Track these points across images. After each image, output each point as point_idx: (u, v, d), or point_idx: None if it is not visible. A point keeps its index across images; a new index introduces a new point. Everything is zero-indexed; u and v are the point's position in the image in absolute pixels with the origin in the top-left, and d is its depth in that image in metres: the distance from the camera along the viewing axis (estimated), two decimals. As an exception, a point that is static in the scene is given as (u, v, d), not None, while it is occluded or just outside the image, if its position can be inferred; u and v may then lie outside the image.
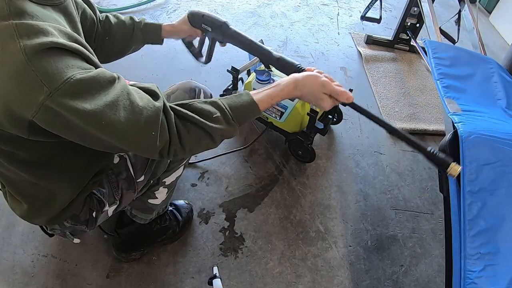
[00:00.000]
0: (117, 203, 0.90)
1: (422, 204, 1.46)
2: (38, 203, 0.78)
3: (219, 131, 0.70)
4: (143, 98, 0.63)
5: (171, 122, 0.65)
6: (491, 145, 0.87)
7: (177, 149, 0.67)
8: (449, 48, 1.27)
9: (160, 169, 0.95)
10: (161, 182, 1.02)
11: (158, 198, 1.04)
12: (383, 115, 1.80)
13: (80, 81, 0.54)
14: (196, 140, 0.69)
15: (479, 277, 0.71)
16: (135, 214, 1.08)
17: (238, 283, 1.15)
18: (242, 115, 0.73)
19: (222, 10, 2.36)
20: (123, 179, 0.88)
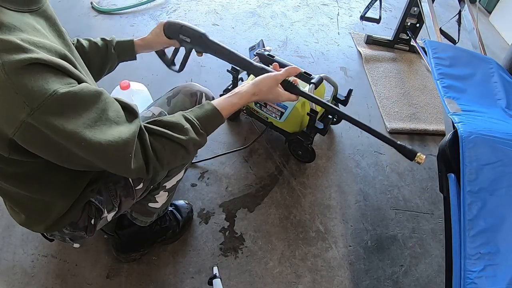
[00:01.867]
0: (116, 210, 0.90)
1: (422, 204, 1.46)
2: (35, 213, 0.78)
3: (192, 142, 0.73)
4: (120, 118, 0.64)
5: (146, 142, 0.67)
6: (491, 145, 0.87)
7: (155, 166, 0.69)
8: (449, 48, 1.27)
9: (160, 175, 0.94)
10: (161, 186, 1.01)
11: (158, 202, 1.04)
12: (383, 115, 1.80)
13: (62, 97, 0.53)
14: (172, 154, 0.71)
15: (479, 277, 0.71)
16: (136, 217, 1.08)
17: (238, 283, 1.15)
18: (208, 124, 0.78)
19: (222, 10, 2.36)
20: (121, 187, 0.86)
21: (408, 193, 1.49)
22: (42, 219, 0.79)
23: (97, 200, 0.84)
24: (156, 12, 2.25)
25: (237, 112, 1.62)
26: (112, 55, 0.98)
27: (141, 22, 2.15)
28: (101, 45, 0.98)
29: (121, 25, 2.11)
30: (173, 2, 2.36)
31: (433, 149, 1.69)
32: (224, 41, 2.09)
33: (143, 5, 2.28)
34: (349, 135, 1.68)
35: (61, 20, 0.68)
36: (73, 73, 0.57)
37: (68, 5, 2.22)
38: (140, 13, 2.23)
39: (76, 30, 2.01)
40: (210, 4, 2.40)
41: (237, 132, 1.61)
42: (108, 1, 2.29)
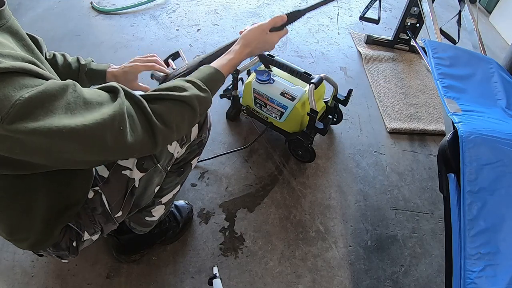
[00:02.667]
0: (99, 233, 0.87)
1: (422, 204, 1.46)
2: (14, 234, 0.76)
3: (196, 98, 0.69)
4: (101, 95, 0.60)
5: (146, 109, 0.62)
6: (491, 145, 0.87)
7: (164, 132, 0.64)
8: (449, 48, 1.27)
9: (144, 200, 0.89)
10: (156, 202, 0.98)
11: (155, 216, 1.02)
12: (383, 115, 1.80)
13: (29, 100, 0.51)
14: (179, 115, 0.66)
15: (479, 277, 0.71)
16: (134, 226, 1.07)
17: (238, 283, 1.15)
18: (210, 81, 0.74)
19: (222, 10, 2.36)
20: (99, 214, 0.83)
21: (408, 193, 1.49)
22: (21, 240, 0.77)
23: (76, 224, 0.81)
24: (156, 12, 2.26)
25: (237, 112, 1.62)
26: (82, 79, 0.94)
27: (141, 22, 2.15)
28: (74, 67, 0.93)
29: (121, 25, 2.11)
30: (173, 2, 2.36)
31: (433, 149, 1.69)
32: (224, 41, 2.09)
33: (143, 5, 2.28)
34: (349, 135, 1.68)
35: (61, 20, 0.68)
36: (40, 73, 0.55)
37: (68, 5, 2.22)
38: (140, 13, 2.23)
39: (76, 30, 2.01)
40: (210, 4, 2.40)
41: (237, 132, 1.61)
42: (108, 1, 2.29)
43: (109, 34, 2.03)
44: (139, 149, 0.61)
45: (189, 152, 0.93)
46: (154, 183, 0.86)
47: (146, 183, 0.84)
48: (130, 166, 0.80)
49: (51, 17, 2.09)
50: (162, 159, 0.83)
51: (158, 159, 0.82)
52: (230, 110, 1.63)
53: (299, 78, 1.38)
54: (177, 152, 0.86)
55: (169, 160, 0.85)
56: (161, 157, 0.82)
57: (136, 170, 0.80)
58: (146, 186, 0.85)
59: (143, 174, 0.81)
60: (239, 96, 1.57)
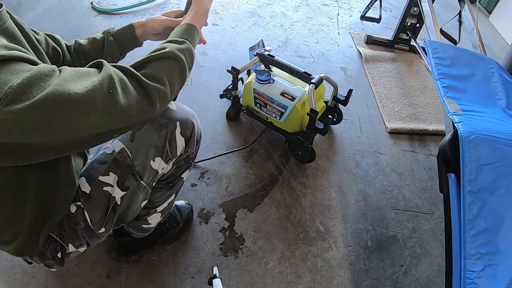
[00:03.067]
0: (85, 246, 0.85)
1: (422, 204, 1.46)
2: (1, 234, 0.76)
3: (176, 49, 0.69)
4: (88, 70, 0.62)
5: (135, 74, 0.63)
6: (491, 145, 0.87)
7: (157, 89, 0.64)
8: (449, 48, 1.27)
9: (130, 215, 0.87)
10: (151, 212, 0.97)
11: (151, 224, 1.01)
12: (383, 115, 1.80)
13: (25, 81, 0.53)
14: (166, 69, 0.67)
15: (479, 277, 0.71)
16: (132, 232, 1.06)
17: (238, 283, 1.15)
18: (184, 34, 0.75)
19: (222, 10, 2.36)
20: (82, 229, 0.81)
21: (408, 193, 1.49)
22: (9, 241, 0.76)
23: (59, 236, 0.80)
24: (156, 12, 2.25)
25: (237, 112, 1.63)
26: (110, 43, 0.92)
27: (141, 22, 2.15)
28: (99, 37, 0.93)
29: (121, 25, 2.11)
30: (173, 2, 2.36)
31: (433, 149, 1.69)
32: (224, 41, 2.10)
33: (143, 5, 2.28)
34: (349, 135, 1.68)
35: (61, 20, 0.69)
36: (32, 59, 0.57)
37: (68, 5, 2.22)
38: (140, 13, 2.23)
39: (76, 30, 2.01)
40: (210, 4, 2.40)
41: (237, 132, 1.61)
42: (108, 1, 2.29)
43: (109, 34, 2.02)
44: (137, 111, 0.62)
45: (176, 167, 0.89)
46: (139, 200, 0.85)
47: (129, 199, 0.82)
48: (111, 183, 0.78)
49: (51, 17, 2.09)
50: (145, 176, 0.80)
51: (141, 176, 0.80)
52: (230, 110, 1.63)
53: (299, 78, 1.38)
54: (162, 168, 0.83)
55: (153, 176, 0.82)
56: (145, 173, 0.80)
57: (116, 187, 0.79)
58: (130, 203, 0.83)
59: (125, 193, 0.80)
60: (239, 96, 1.57)
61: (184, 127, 0.82)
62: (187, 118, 0.83)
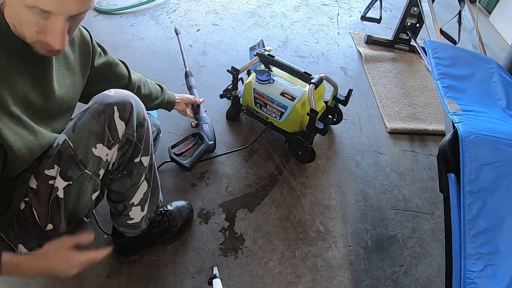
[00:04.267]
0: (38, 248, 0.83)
1: (422, 204, 1.46)
2: None
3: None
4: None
5: None
6: (491, 145, 0.87)
7: None
8: (449, 48, 1.27)
9: (82, 209, 0.85)
10: (128, 206, 0.95)
11: (135, 218, 1.00)
12: (383, 115, 1.80)
13: None
14: None
15: (479, 277, 0.71)
16: (123, 231, 1.06)
17: (238, 283, 1.15)
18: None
19: (222, 10, 2.36)
20: (31, 227, 0.80)
21: (408, 193, 1.49)
22: None
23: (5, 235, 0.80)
24: (156, 12, 2.25)
25: (237, 112, 1.62)
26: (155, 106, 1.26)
27: (141, 22, 2.15)
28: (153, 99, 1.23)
29: (121, 25, 2.11)
30: (173, 2, 2.36)
31: (433, 149, 1.69)
32: (224, 41, 2.10)
33: (143, 5, 2.28)
34: (349, 135, 1.68)
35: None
36: None
37: (68, 5, 2.21)
38: (140, 13, 2.23)
39: (76, 30, 2.00)
40: (210, 4, 2.40)
41: (237, 132, 1.61)
42: (108, 1, 2.28)
43: (109, 34, 2.03)
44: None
45: (124, 153, 0.85)
46: (88, 191, 0.83)
47: (77, 192, 0.81)
48: (54, 175, 0.78)
49: (51, 17, 2.08)
50: (89, 164, 0.79)
51: (85, 165, 0.78)
52: (230, 110, 1.63)
53: (299, 78, 1.38)
54: (106, 155, 0.80)
55: (97, 164, 0.80)
56: (88, 162, 0.78)
57: (59, 178, 0.78)
58: (79, 196, 0.82)
59: (67, 183, 0.78)
60: (239, 96, 1.57)
61: (122, 111, 0.79)
62: (125, 100, 0.80)
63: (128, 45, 1.96)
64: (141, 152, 0.88)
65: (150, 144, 0.91)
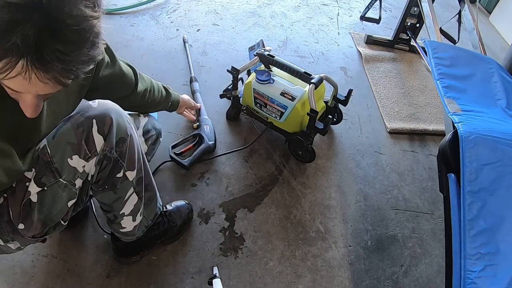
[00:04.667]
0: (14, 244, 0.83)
1: (422, 204, 1.46)
2: None
3: None
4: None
5: None
6: (491, 145, 0.87)
7: None
8: (449, 48, 1.27)
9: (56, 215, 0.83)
10: (119, 216, 0.94)
11: (126, 227, 0.99)
12: (383, 115, 1.80)
13: None
14: None
15: (479, 277, 0.71)
16: (119, 236, 1.05)
17: (238, 283, 1.15)
18: None
19: (222, 10, 2.36)
20: (5, 222, 0.79)
21: (408, 193, 1.49)
22: None
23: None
24: (156, 12, 2.25)
25: (237, 112, 1.62)
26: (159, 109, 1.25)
27: (141, 22, 2.15)
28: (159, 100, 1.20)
29: (121, 25, 2.11)
30: (173, 2, 2.36)
31: (433, 149, 1.69)
32: (224, 41, 2.10)
33: (143, 5, 2.28)
34: (349, 135, 1.68)
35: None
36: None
37: (68, 5, 2.21)
38: (140, 13, 2.23)
39: (76, 30, 2.00)
40: (210, 4, 2.40)
41: (237, 132, 1.61)
42: (108, 1, 2.28)
43: (109, 34, 2.01)
44: None
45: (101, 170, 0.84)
46: (63, 198, 0.81)
47: (51, 198, 0.80)
48: (30, 177, 0.78)
49: (51, 17, 2.08)
50: (64, 174, 0.78)
51: (60, 173, 0.78)
52: (230, 110, 1.63)
53: (299, 78, 1.38)
54: (83, 166, 0.79)
55: (73, 174, 0.79)
56: (63, 171, 0.78)
57: (33, 183, 0.78)
58: (53, 201, 0.80)
59: (41, 189, 0.78)
60: (239, 96, 1.57)
61: (101, 124, 0.77)
62: (105, 114, 0.78)
63: (128, 45, 1.95)
64: (123, 168, 0.86)
65: (136, 158, 0.88)
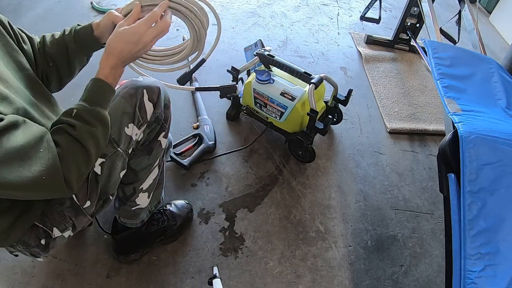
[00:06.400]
0: (70, 228, 0.86)
1: (422, 204, 1.46)
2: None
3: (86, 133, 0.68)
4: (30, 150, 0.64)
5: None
6: (491, 145, 0.87)
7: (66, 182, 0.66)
8: (449, 48, 1.27)
9: (111, 187, 0.88)
10: (137, 190, 0.98)
11: (140, 204, 1.02)
12: (383, 115, 1.80)
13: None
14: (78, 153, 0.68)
15: (479, 277, 0.71)
16: (124, 221, 1.07)
17: (238, 283, 1.15)
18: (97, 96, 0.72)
19: (222, 10, 2.36)
20: (68, 208, 0.82)
21: (408, 193, 1.49)
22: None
23: (41, 222, 0.81)
24: (156, 12, 2.25)
25: (237, 112, 1.62)
26: (74, 50, 0.88)
27: (141, 22, 2.15)
28: (61, 41, 0.88)
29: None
30: (173, 2, 2.36)
31: (433, 149, 1.69)
32: (224, 41, 2.10)
33: (143, 5, 2.28)
34: (349, 135, 1.68)
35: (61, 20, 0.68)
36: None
37: (68, 5, 2.22)
38: (140, 13, 2.23)
39: (76, 30, 2.00)
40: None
41: (237, 132, 1.61)
42: (108, 1, 2.28)
43: (109, 34, 2.02)
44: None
45: (149, 131, 0.92)
46: (118, 168, 0.86)
47: (109, 169, 0.84)
48: None
49: (51, 17, 2.09)
50: (121, 143, 0.84)
51: (117, 143, 0.83)
52: (230, 110, 1.63)
53: (299, 78, 1.38)
54: (136, 134, 0.86)
55: (128, 142, 0.85)
56: (120, 140, 0.83)
57: None
58: (110, 172, 0.85)
59: (103, 160, 0.82)
60: (239, 96, 1.57)
61: (150, 93, 0.87)
62: (152, 85, 0.88)
63: (128, 45, 1.95)
64: (164, 131, 0.96)
65: (169, 127, 0.99)
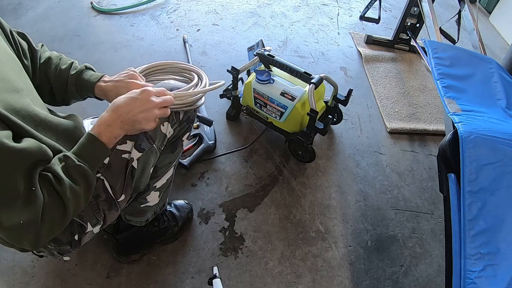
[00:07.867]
0: (101, 223, 0.87)
1: (422, 204, 1.46)
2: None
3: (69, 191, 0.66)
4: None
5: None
6: (491, 145, 0.87)
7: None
8: (449, 48, 1.27)
9: (142, 182, 0.91)
10: (151, 187, 0.99)
11: (150, 202, 1.03)
12: (383, 115, 1.80)
13: None
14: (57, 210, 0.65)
15: (479, 277, 0.72)
16: (130, 219, 1.07)
17: (238, 283, 1.15)
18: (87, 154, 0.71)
19: (222, 10, 2.36)
20: (103, 201, 0.83)
21: (408, 193, 1.49)
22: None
23: (78, 216, 0.81)
24: (156, 12, 2.25)
25: (237, 112, 1.62)
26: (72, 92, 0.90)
27: (141, 22, 2.15)
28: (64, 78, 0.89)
29: (121, 25, 2.11)
30: (173, 2, 2.36)
31: (433, 149, 1.69)
32: (224, 41, 2.10)
33: (143, 5, 2.28)
34: (349, 135, 1.68)
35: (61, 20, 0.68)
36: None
37: (68, 5, 2.22)
38: (140, 13, 2.23)
39: (76, 30, 2.00)
40: (210, 4, 2.40)
41: (237, 132, 1.61)
42: (108, 1, 2.29)
43: (109, 34, 2.03)
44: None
45: (179, 130, 0.96)
46: (151, 164, 0.89)
47: (144, 164, 0.86)
48: (129, 149, 0.83)
49: (51, 17, 2.09)
50: (156, 140, 0.86)
51: (153, 140, 0.85)
52: (230, 110, 1.63)
53: (299, 78, 1.38)
54: (169, 132, 0.90)
55: (162, 140, 0.88)
56: (156, 137, 0.85)
57: (134, 150, 0.83)
58: (144, 168, 0.87)
59: (141, 154, 0.84)
60: (239, 96, 1.57)
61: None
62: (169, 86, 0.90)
63: (128, 45, 1.96)
64: (189, 132, 1.01)
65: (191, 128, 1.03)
